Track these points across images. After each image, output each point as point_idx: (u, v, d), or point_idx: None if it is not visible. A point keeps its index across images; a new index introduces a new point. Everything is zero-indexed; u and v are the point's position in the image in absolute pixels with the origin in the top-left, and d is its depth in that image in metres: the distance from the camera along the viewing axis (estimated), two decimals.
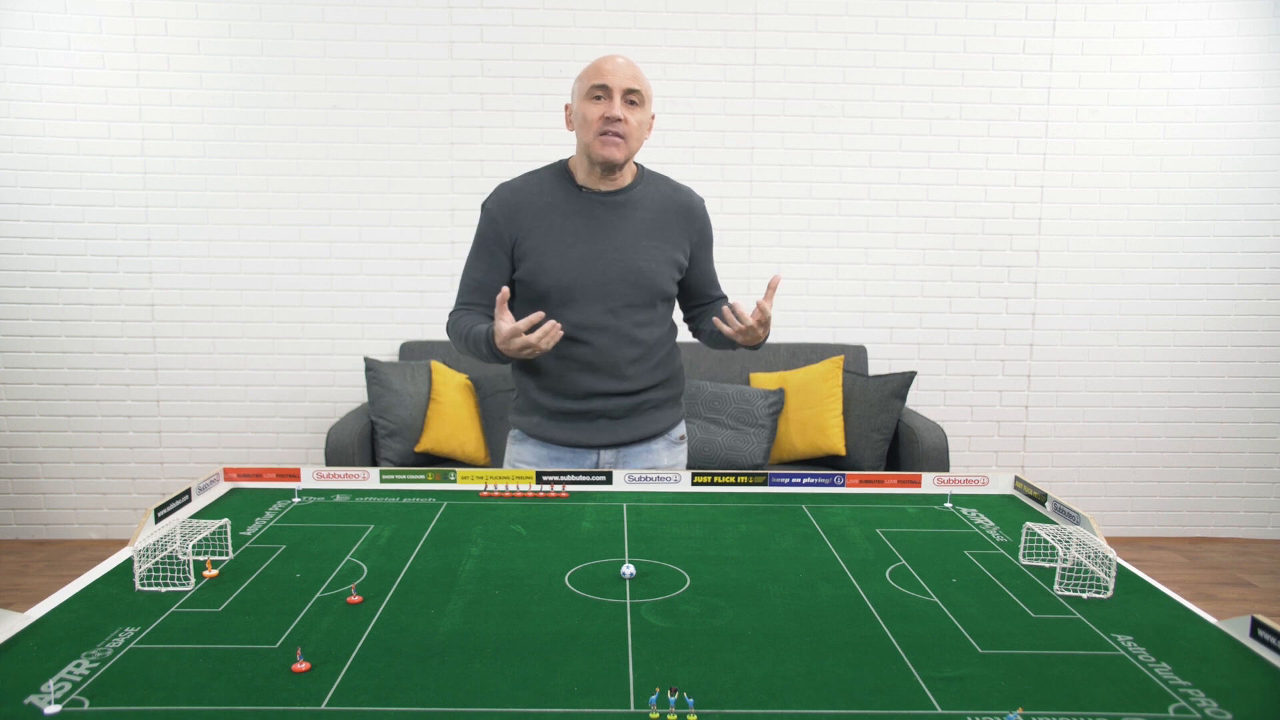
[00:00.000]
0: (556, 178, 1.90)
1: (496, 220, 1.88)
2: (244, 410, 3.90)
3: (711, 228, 2.03)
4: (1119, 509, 4.11)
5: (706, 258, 2.02)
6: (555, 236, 1.85)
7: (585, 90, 1.81)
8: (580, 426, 1.92)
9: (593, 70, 1.81)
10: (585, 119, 1.81)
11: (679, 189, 1.99)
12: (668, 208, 1.93)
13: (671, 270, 1.92)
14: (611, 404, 1.90)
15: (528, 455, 1.97)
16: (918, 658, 1.09)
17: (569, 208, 1.87)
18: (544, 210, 1.87)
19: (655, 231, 1.90)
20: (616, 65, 1.80)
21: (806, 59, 3.83)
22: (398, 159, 3.81)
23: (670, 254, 1.91)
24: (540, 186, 1.89)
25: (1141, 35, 3.84)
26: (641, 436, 1.95)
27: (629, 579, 1.32)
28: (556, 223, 1.86)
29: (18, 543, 3.91)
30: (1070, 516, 1.58)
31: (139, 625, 1.14)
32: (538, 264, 1.85)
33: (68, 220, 3.75)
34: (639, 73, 1.83)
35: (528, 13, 3.75)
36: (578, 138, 1.85)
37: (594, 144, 1.80)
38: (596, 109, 1.79)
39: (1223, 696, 1.01)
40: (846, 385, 3.57)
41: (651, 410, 1.96)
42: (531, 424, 1.95)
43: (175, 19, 3.68)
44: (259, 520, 1.58)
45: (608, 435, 1.92)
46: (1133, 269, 3.97)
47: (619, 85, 1.79)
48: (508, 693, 0.99)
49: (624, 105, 1.80)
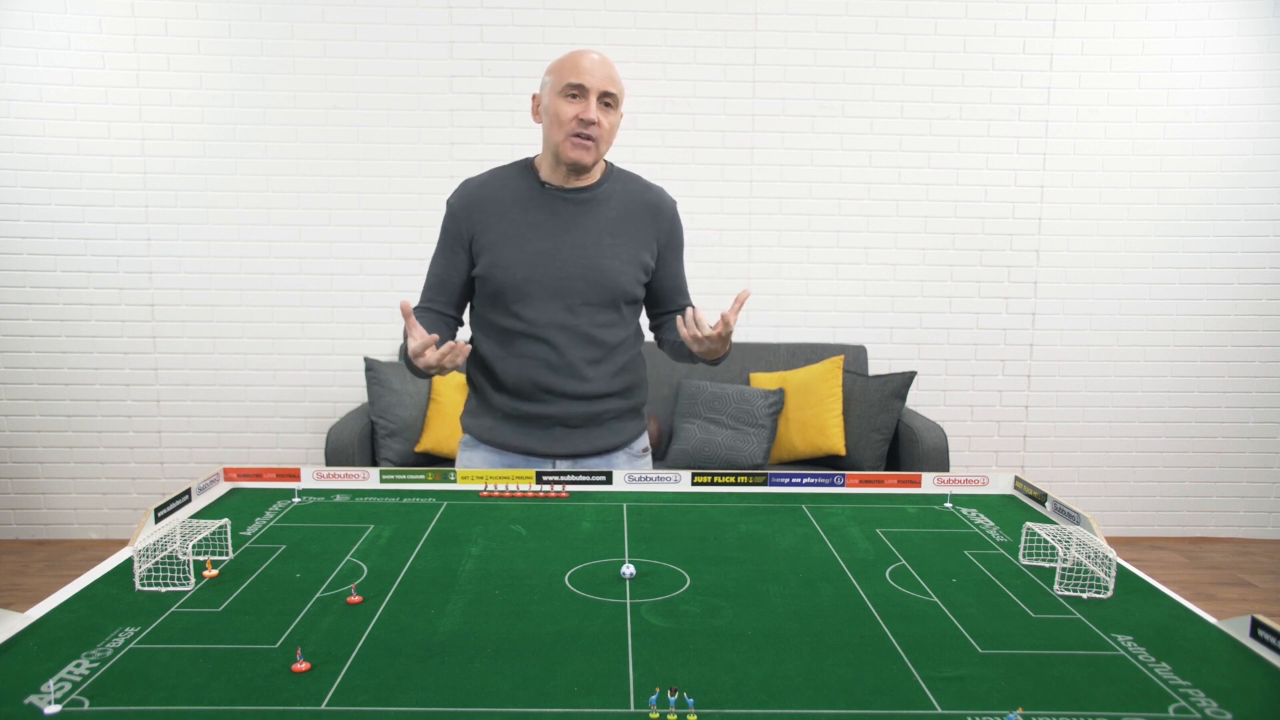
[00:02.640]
0: (520, 173, 1.86)
1: (457, 216, 1.85)
2: (244, 410, 3.90)
3: (682, 231, 1.93)
4: (1119, 509, 4.11)
5: (674, 260, 1.93)
6: (514, 232, 1.80)
7: (559, 86, 1.73)
8: (535, 433, 1.84)
9: (569, 66, 1.73)
10: (557, 117, 1.73)
11: (649, 188, 1.90)
12: (635, 206, 1.86)
13: (636, 270, 1.84)
14: (569, 409, 1.83)
15: (477, 462, 1.88)
16: (918, 658, 1.08)
17: (530, 203, 1.82)
18: (505, 206, 1.82)
19: (620, 229, 1.83)
20: (594, 64, 1.72)
21: (806, 59, 3.83)
22: (398, 159, 3.81)
23: (635, 253, 1.84)
24: (504, 182, 1.85)
25: (1141, 35, 3.84)
26: (601, 449, 1.88)
27: (629, 579, 1.32)
28: (516, 218, 1.81)
29: (18, 543, 3.91)
30: (1070, 516, 1.58)
31: (139, 625, 1.14)
32: (494, 259, 1.80)
33: (68, 220, 3.75)
34: (615, 73, 1.76)
35: (528, 13, 3.75)
36: (545, 133, 1.78)
37: (564, 145, 1.74)
38: (570, 108, 1.72)
39: (1223, 696, 1.01)
40: (846, 385, 3.57)
41: (611, 421, 1.88)
42: (484, 428, 1.87)
43: (175, 19, 3.68)
44: (259, 520, 1.58)
45: (564, 445, 1.85)
46: (1133, 269, 3.97)
47: (596, 87, 1.72)
48: (508, 693, 0.99)
49: (599, 107, 1.73)
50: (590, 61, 1.73)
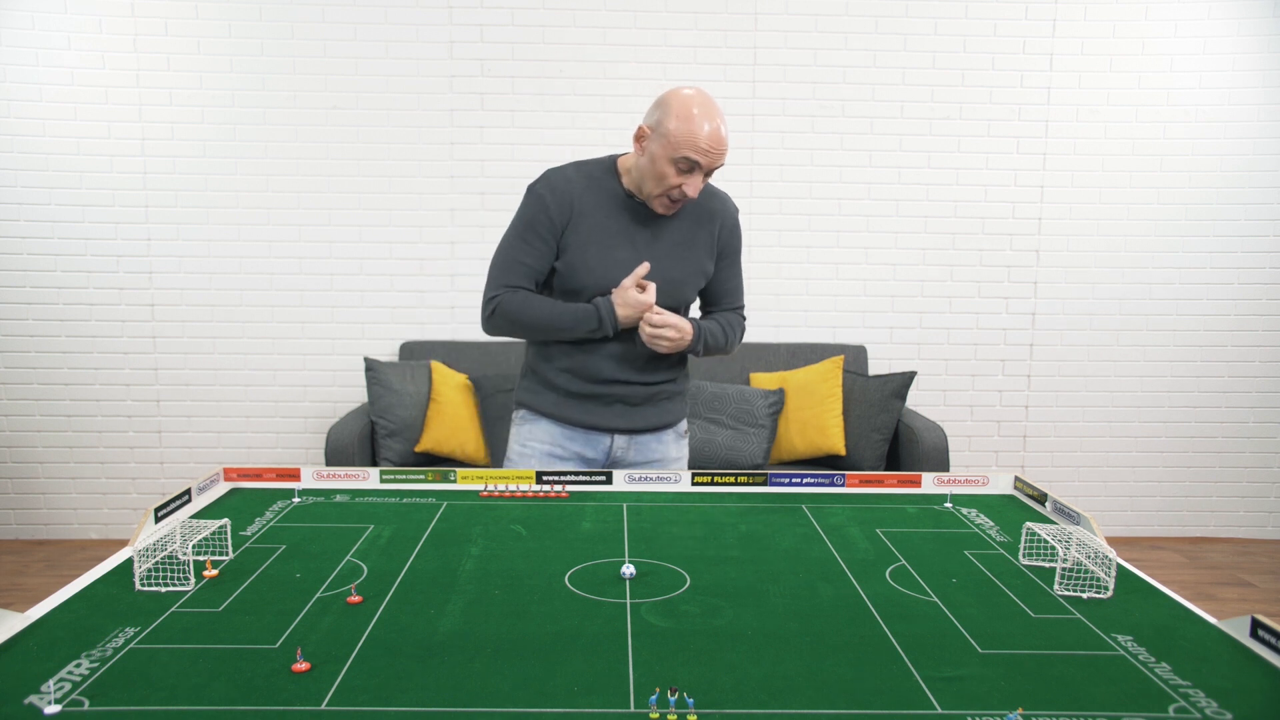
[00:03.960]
0: (606, 175, 1.90)
1: (549, 205, 1.86)
2: (244, 410, 3.90)
3: (740, 237, 2.02)
4: (1119, 509, 4.11)
5: (728, 265, 2.00)
6: (600, 235, 1.86)
7: (675, 147, 1.73)
8: (597, 410, 1.94)
9: (692, 136, 1.72)
10: (661, 178, 1.78)
11: (715, 195, 1.97)
12: (702, 214, 1.94)
13: (699, 279, 1.96)
14: (630, 391, 1.94)
15: (540, 434, 1.97)
16: (918, 658, 1.09)
17: (615, 209, 1.88)
18: (591, 206, 1.87)
19: (689, 239, 1.93)
20: (718, 143, 1.74)
21: (806, 59, 3.83)
22: (398, 159, 3.81)
23: (701, 263, 1.94)
24: (589, 182, 1.89)
25: (1141, 35, 3.84)
26: (655, 425, 1.99)
27: (629, 579, 1.32)
28: (601, 221, 1.87)
29: (18, 543, 3.91)
30: (1070, 516, 1.58)
31: (139, 625, 1.14)
32: (581, 259, 1.86)
33: (68, 220, 3.75)
34: (728, 147, 1.79)
35: (528, 13, 3.75)
36: (641, 169, 1.82)
37: (657, 202, 1.83)
38: (676, 179, 1.77)
39: (1223, 696, 1.01)
40: (846, 385, 3.57)
41: (665, 401, 2.00)
42: (547, 402, 1.96)
43: (175, 19, 3.68)
44: (259, 520, 1.58)
45: (623, 420, 1.96)
46: (1133, 269, 3.97)
47: (711, 165, 1.77)
48: (508, 693, 0.99)
49: (704, 178, 1.80)
50: (717, 140, 1.75)
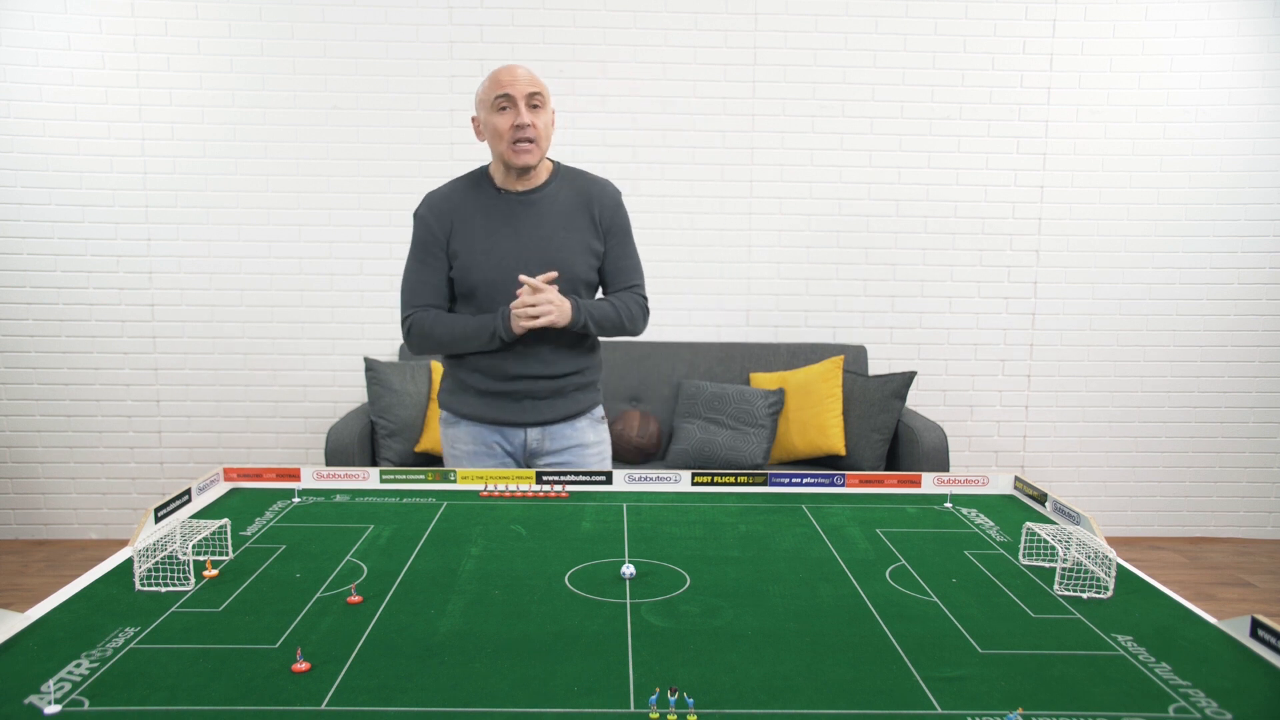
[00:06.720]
0: (478, 182, 2.05)
1: (430, 223, 2.02)
2: (244, 410, 3.90)
3: (626, 218, 2.12)
4: (1119, 509, 4.11)
5: (617, 245, 2.10)
6: (480, 236, 2.00)
7: (489, 102, 1.94)
8: (508, 406, 2.04)
9: (492, 83, 1.94)
10: (496, 130, 1.94)
11: (594, 181, 2.10)
12: (581, 200, 2.06)
13: (588, 257, 2.05)
14: (535, 386, 2.03)
15: (463, 435, 2.09)
16: (918, 658, 1.09)
17: (490, 209, 2.02)
18: (469, 213, 2.02)
19: (570, 223, 2.03)
20: (515, 74, 1.94)
21: (806, 59, 3.83)
22: (398, 159, 3.81)
23: (585, 242, 2.04)
24: (464, 192, 2.04)
25: (1141, 35, 3.83)
26: (565, 415, 2.08)
27: (629, 579, 1.32)
28: (480, 224, 2.01)
29: (18, 543, 3.91)
30: (1070, 516, 1.58)
31: (139, 625, 1.14)
32: (467, 262, 1.99)
33: (68, 220, 3.75)
34: (536, 76, 1.97)
35: (528, 13, 3.75)
36: (491, 147, 1.99)
37: (508, 152, 1.95)
38: (504, 119, 1.93)
39: (1223, 696, 1.01)
40: (846, 385, 3.57)
41: (574, 392, 2.09)
42: (462, 404, 2.08)
43: (175, 19, 3.68)
44: (259, 520, 1.58)
45: (533, 414, 2.05)
46: (1133, 269, 3.97)
47: (521, 92, 1.92)
48: (508, 693, 0.99)
49: (529, 110, 1.93)
50: (511, 74, 1.94)
